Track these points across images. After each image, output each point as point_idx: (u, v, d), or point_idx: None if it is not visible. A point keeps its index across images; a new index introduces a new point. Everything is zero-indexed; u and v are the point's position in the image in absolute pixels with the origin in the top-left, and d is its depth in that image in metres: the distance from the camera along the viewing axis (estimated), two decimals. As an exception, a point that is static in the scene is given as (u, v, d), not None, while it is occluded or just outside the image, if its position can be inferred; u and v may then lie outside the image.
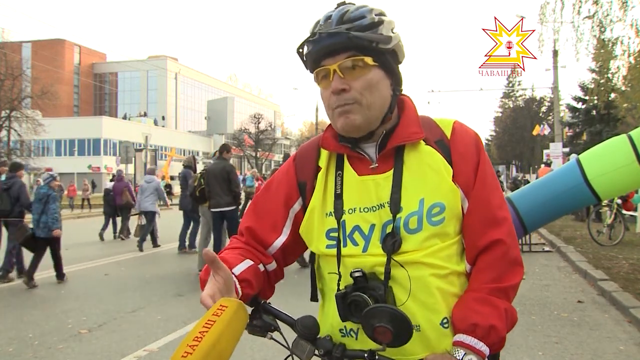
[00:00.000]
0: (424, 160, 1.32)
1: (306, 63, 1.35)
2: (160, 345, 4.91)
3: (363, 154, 1.36)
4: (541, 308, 6.10)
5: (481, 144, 1.38)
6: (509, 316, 1.25)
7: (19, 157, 37.27)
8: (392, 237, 1.26)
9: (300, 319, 1.27)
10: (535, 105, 63.35)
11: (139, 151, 27.17)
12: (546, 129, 36.51)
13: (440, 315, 1.26)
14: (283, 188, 1.44)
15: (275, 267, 1.42)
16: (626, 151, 5.24)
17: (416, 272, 1.26)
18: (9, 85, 35.44)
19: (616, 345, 4.78)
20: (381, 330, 1.14)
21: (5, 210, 8.22)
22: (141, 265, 9.55)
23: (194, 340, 1.03)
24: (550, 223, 10.98)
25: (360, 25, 1.27)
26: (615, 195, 9.05)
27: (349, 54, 1.27)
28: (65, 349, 4.89)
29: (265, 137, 62.81)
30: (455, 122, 1.40)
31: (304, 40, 1.32)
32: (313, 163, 1.43)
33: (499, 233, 1.30)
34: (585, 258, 8.77)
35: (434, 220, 1.28)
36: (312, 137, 1.82)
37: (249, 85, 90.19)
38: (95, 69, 77.47)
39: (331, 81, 1.29)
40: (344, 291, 1.25)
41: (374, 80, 1.30)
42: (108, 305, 6.53)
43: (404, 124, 1.36)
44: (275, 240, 1.41)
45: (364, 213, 1.31)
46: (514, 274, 1.29)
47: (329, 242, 1.34)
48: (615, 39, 12.18)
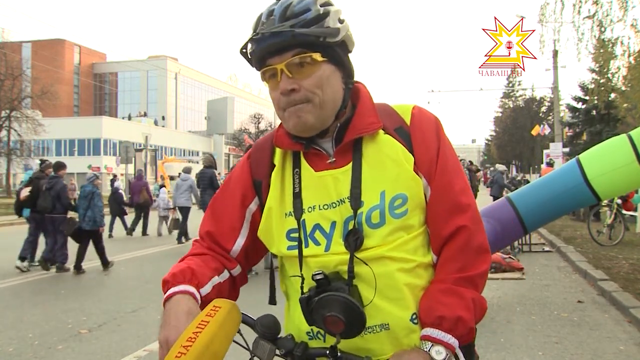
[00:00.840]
0: (382, 151, 1.27)
1: (251, 62, 1.28)
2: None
3: (319, 149, 1.30)
4: (541, 308, 6.10)
5: (442, 128, 1.32)
6: (478, 306, 1.21)
7: (19, 157, 37.34)
8: (354, 234, 1.21)
9: (259, 319, 1.23)
10: (535, 105, 63.37)
11: (139, 151, 27.21)
12: (546, 129, 36.53)
13: (409, 311, 1.22)
14: (239, 187, 1.38)
15: (240, 271, 1.37)
16: (626, 151, 5.25)
17: (382, 267, 1.21)
18: (9, 85, 35.46)
19: (616, 345, 4.78)
20: (332, 319, 1.11)
21: (47, 207, 8.79)
22: (141, 265, 9.56)
23: (188, 341, 1.03)
24: (550, 223, 10.98)
25: (304, 20, 1.19)
26: (615, 195, 9.06)
27: (295, 51, 1.20)
28: (65, 349, 4.89)
29: (265, 137, 62.81)
30: (415, 107, 1.34)
31: (247, 40, 1.25)
32: (267, 160, 1.37)
33: (462, 219, 1.25)
34: (585, 258, 8.77)
35: (397, 213, 1.23)
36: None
37: (249, 85, 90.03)
38: (95, 69, 77.47)
39: (279, 81, 1.22)
40: (307, 295, 1.20)
41: (324, 76, 1.23)
42: (108, 305, 6.53)
43: (360, 115, 1.30)
44: (235, 244, 1.35)
45: (324, 210, 1.26)
46: (481, 262, 1.24)
47: (290, 242, 1.29)
48: (616, 39, 12.19)
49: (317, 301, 1.13)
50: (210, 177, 11.06)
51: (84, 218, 8.74)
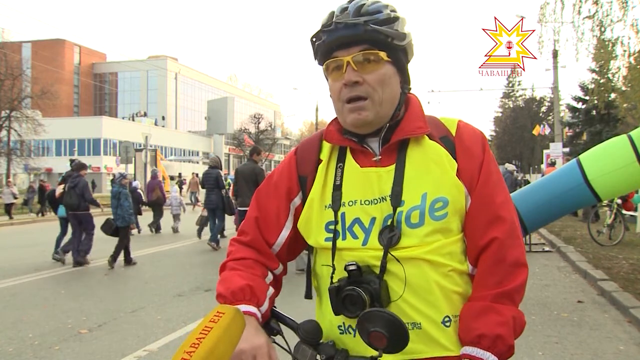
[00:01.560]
0: (427, 155, 1.30)
1: (316, 53, 1.34)
2: (160, 345, 4.91)
3: (367, 147, 1.34)
4: (541, 308, 6.10)
5: (487, 143, 1.36)
6: (517, 322, 1.22)
7: (19, 157, 37.34)
8: (391, 231, 1.24)
9: (302, 324, 1.25)
10: (535, 105, 63.41)
11: (139, 151, 27.18)
12: (546, 129, 36.55)
13: (442, 313, 1.23)
14: (284, 181, 1.42)
15: (282, 269, 1.42)
16: (626, 151, 5.24)
17: (415, 268, 1.23)
18: (9, 85, 35.45)
19: (616, 345, 4.78)
20: (376, 335, 1.12)
21: (74, 204, 9.51)
22: (141, 265, 9.55)
23: (192, 347, 1.03)
24: (551, 223, 10.98)
25: (377, 19, 1.25)
26: (616, 195, 9.05)
27: (363, 46, 1.26)
28: (65, 349, 4.89)
29: (265, 137, 62.79)
30: (460, 121, 1.39)
31: (319, 29, 1.30)
32: (315, 156, 1.40)
33: (498, 231, 1.26)
34: (585, 258, 8.77)
35: (437, 215, 1.25)
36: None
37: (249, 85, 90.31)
38: (95, 69, 77.46)
39: (344, 73, 1.27)
40: (337, 285, 1.23)
41: (387, 75, 1.28)
42: (108, 305, 6.53)
43: (409, 119, 1.34)
44: (279, 237, 1.39)
45: (365, 206, 1.29)
46: (517, 275, 1.25)
47: (328, 234, 1.31)
48: (616, 39, 12.17)
49: (362, 315, 1.15)
50: (216, 177, 11.43)
51: (115, 216, 9.46)
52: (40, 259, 10.17)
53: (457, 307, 1.26)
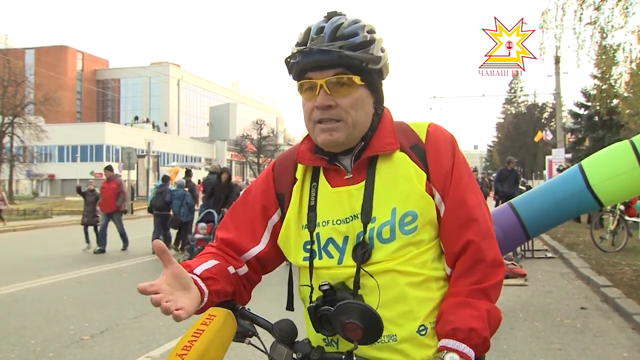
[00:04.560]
0: (396, 169, 1.31)
1: (290, 70, 1.34)
2: (162, 351, 4.90)
3: (339, 165, 1.35)
4: (544, 314, 6.08)
5: (456, 145, 1.37)
6: (492, 316, 1.24)
7: (22, 164, 37.45)
8: (362, 247, 1.26)
9: (277, 323, 1.27)
10: (537, 111, 63.37)
11: (141, 157, 27.25)
12: (548, 135, 36.51)
13: (417, 322, 1.25)
14: (261, 198, 1.43)
15: (247, 271, 1.40)
16: (628, 157, 5.24)
17: (389, 280, 1.25)
18: (12, 91, 35.65)
19: (620, 352, 4.76)
20: (351, 327, 1.14)
21: (161, 206, 12.27)
22: (143, 271, 9.55)
23: (183, 350, 1.03)
24: (553, 229, 10.95)
25: (352, 44, 1.26)
26: (618, 201, 9.03)
27: (337, 70, 1.27)
28: (67, 355, 4.88)
29: (267, 143, 62.80)
30: (430, 125, 1.38)
31: (295, 51, 1.31)
32: (291, 174, 1.42)
33: (472, 233, 1.28)
34: (588, 264, 8.74)
35: (407, 230, 1.27)
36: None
37: (251, 92, 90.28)
38: (98, 75, 77.67)
39: (316, 95, 1.28)
40: (314, 304, 1.26)
41: (360, 99, 1.30)
42: (110, 311, 6.53)
43: (379, 136, 1.35)
44: (252, 248, 1.40)
45: (337, 225, 1.31)
46: (494, 275, 1.27)
47: (305, 254, 1.34)
48: (617, 46, 12.19)
49: (336, 308, 1.16)
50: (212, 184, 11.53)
51: (179, 214, 11.86)
52: (43, 265, 10.18)
53: (433, 314, 1.28)
